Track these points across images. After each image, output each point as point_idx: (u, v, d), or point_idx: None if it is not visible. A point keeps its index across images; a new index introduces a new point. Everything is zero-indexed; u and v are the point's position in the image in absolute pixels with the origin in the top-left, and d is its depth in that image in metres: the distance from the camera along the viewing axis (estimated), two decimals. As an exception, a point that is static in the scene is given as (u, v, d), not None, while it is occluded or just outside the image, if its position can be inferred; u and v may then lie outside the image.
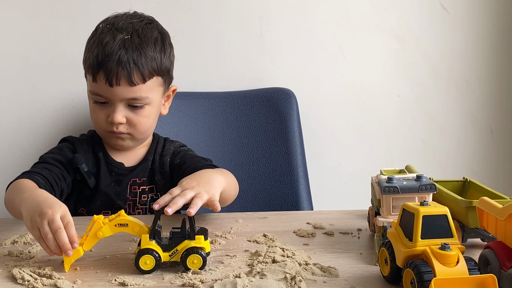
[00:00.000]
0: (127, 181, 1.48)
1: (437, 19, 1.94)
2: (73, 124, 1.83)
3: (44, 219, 1.06)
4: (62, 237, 1.04)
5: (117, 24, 1.42)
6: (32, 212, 1.09)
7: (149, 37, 1.42)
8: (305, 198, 1.79)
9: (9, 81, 1.81)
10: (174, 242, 1.06)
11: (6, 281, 1.02)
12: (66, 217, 1.07)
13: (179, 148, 1.53)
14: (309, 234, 1.27)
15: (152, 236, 1.06)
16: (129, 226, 1.07)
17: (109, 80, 1.37)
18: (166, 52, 1.45)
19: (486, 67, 1.98)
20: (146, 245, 1.05)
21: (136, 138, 1.46)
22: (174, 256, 1.06)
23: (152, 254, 1.04)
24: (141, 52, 1.39)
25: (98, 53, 1.38)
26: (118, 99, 1.39)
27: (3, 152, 1.83)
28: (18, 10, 1.78)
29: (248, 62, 1.90)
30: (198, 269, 1.05)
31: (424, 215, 0.95)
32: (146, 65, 1.39)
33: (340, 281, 1.03)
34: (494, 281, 0.87)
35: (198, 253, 1.05)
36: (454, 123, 2.00)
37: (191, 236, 1.06)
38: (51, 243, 1.05)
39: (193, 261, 1.05)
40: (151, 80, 1.41)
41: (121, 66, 1.36)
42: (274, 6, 1.88)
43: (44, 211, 1.06)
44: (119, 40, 1.38)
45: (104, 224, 1.06)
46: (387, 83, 1.96)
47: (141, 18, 1.46)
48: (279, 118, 1.82)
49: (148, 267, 1.04)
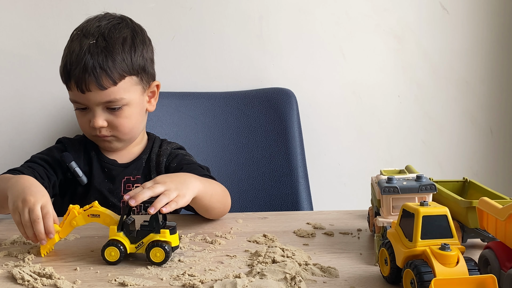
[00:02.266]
0: (121, 179, 1.48)
1: (437, 19, 1.94)
2: (73, 124, 1.82)
3: (26, 207, 1.11)
4: (39, 227, 1.10)
5: (85, 30, 1.43)
6: (16, 197, 1.14)
7: (116, 38, 1.41)
8: (305, 198, 1.79)
9: (9, 81, 1.81)
10: (141, 234, 1.09)
11: (6, 281, 1.02)
12: (46, 207, 1.11)
13: (177, 151, 1.53)
14: (309, 234, 1.27)
15: (119, 228, 1.09)
16: (100, 217, 1.11)
17: (79, 87, 1.39)
18: (137, 50, 1.44)
19: (486, 67, 1.98)
20: (113, 236, 1.09)
21: (122, 139, 1.46)
22: (140, 248, 1.09)
23: (117, 246, 1.08)
24: (107, 55, 1.39)
25: (66, 62, 1.41)
26: (94, 104, 1.40)
27: (3, 152, 1.83)
28: (18, 10, 1.79)
29: (248, 62, 1.90)
30: (160, 262, 1.08)
31: (424, 215, 0.95)
32: (114, 68, 1.39)
33: (340, 281, 1.03)
34: (494, 282, 0.87)
35: (161, 246, 1.08)
36: (454, 123, 2.00)
37: (156, 230, 1.09)
38: (29, 231, 1.11)
39: (156, 254, 1.08)
40: (123, 81, 1.41)
41: (87, 72, 1.37)
42: (274, 6, 1.88)
43: (27, 199, 1.12)
44: (84, 46, 1.39)
45: (78, 214, 1.12)
46: (387, 83, 1.96)
47: (110, 19, 1.46)
48: (279, 118, 1.82)
49: (113, 258, 1.08)
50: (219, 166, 1.79)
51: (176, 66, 1.51)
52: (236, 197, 1.63)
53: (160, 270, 1.06)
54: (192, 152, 1.62)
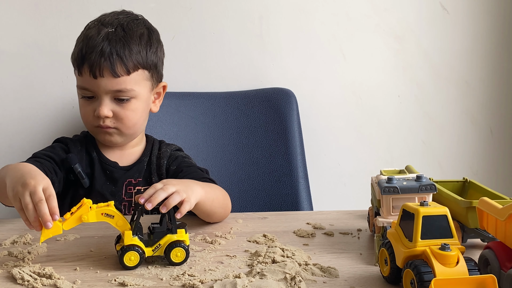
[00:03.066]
0: (123, 181, 1.47)
1: (437, 19, 1.94)
2: (73, 124, 1.83)
3: (26, 190, 1.05)
4: (43, 208, 1.03)
5: (103, 20, 1.44)
6: (15, 183, 1.09)
7: (134, 31, 1.43)
8: (305, 198, 1.79)
9: (9, 81, 1.81)
10: (157, 237, 1.08)
11: (6, 281, 1.02)
12: (48, 189, 1.06)
13: (176, 153, 1.53)
14: (309, 234, 1.27)
15: (134, 233, 1.07)
16: (114, 218, 1.07)
17: (92, 72, 1.38)
18: (152, 46, 1.45)
19: (486, 67, 1.98)
20: (130, 241, 1.06)
21: (124, 133, 1.46)
22: (157, 251, 1.08)
23: (136, 250, 1.06)
24: (125, 44, 1.40)
25: (82, 46, 1.40)
26: (103, 91, 1.40)
27: (3, 152, 1.83)
28: (18, 10, 1.79)
29: (248, 62, 1.90)
30: (180, 262, 1.07)
31: (424, 215, 0.95)
32: (130, 57, 1.40)
33: (340, 281, 1.03)
34: (494, 282, 0.87)
35: (181, 246, 1.07)
36: (454, 123, 2.00)
37: (173, 230, 1.08)
38: (31, 214, 1.04)
39: (177, 254, 1.07)
40: (136, 72, 1.41)
41: (104, 57, 1.37)
42: (274, 6, 1.88)
43: (27, 182, 1.06)
44: (103, 33, 1.40)
45: (91, 209, 1.06)
46: (387, 84, 1.96)
47: (128, 15, 1.48)
48: (279, 118, 1.82)
49: (132, 263, 1.06)
50: (219, 166, 1.79)
51: (176, 66, 1.50)
52: (236, 197, 1.63)
53: (160, 270, 1.06)
54: (192, 152, 1.62)
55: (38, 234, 1.24)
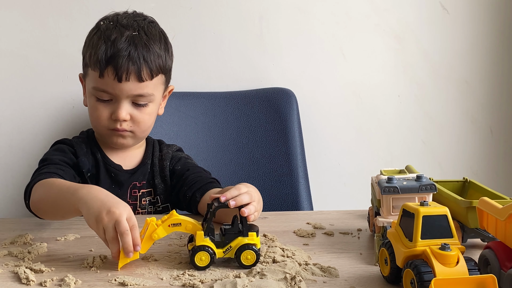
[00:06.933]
0: (128, 185, 1.47)
1: (437, 19, 1.94)
2: (73, 124, 1.83)
3: (111, 220, 1.06)
4: (128, 239, 1.05)
5: (121, 22, 1.41)
6: (97, 211, 1.08)
7: (154, 35, 1.42)
8: (305, 198, 1.79)
9: (9, 81, 1.81)
10: (228, 239, 1.08)
11: (6, 281, 1.02)
12: (132, 219, 1.07)
13: (178, 153, 1.53)
14: (309, 234, 1.27)
15: (206, 233, 1.07)
16: (182, 225, 1.08)
17: (118, 75, 1.36)
18: (169, 51, 1.46)
19: (486, 67, 1.98)
20: (201, 242, 1.06)
21: (138, 136, 1.45)
22: (228, 253, 1.08)
23: (208, 251, 1.06)
24: (149, 48, 1.39)
25: (106, 48, 1.36)
26: (125, 95, 1.38)
27: (3, 152, 1.83)
28: (18, 10, 1.79)
29: (248, 62, 1.90)
30: (250, 264, 1.07)
31: (424, 215, 0.95)
32: (154, 62, 1.39)
33: (340, 281, 1.03)
34: (494, 282, 0.87)
35: (252, 249, 1.07)
36: (454, 123, 2.00)
37: (245, 233, 1.08)
38: (115, 246, 1.06)
39: (247, 257, 1.07)
40: (157, 77, 1.41)
41: (132, 61, 1.36)
42: (274, 6, 1.88)
43: (112, 210, 1.07)
44: (127, 36, 1.38)
45: (157, 226, 1.07)
46: (387, 83, 1.96)
47: (143, 17, 1.47)
48: (279, 118, 1.82)
49: (203, 263, 1.06)
50: (219, 166, 1.79)
51: (176, 66, 1.50)
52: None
53: (160, 270, 1.06)
54: (192, 152, 1.62)
55: (39, 234, 1.25)
